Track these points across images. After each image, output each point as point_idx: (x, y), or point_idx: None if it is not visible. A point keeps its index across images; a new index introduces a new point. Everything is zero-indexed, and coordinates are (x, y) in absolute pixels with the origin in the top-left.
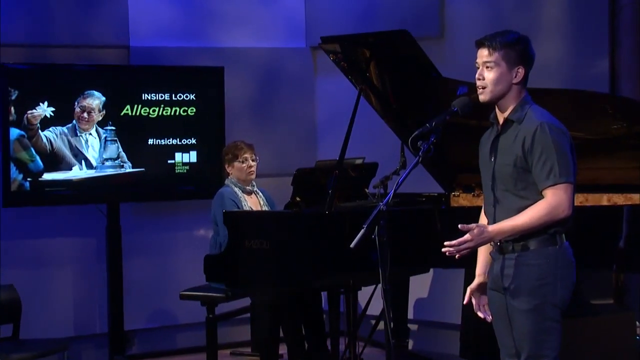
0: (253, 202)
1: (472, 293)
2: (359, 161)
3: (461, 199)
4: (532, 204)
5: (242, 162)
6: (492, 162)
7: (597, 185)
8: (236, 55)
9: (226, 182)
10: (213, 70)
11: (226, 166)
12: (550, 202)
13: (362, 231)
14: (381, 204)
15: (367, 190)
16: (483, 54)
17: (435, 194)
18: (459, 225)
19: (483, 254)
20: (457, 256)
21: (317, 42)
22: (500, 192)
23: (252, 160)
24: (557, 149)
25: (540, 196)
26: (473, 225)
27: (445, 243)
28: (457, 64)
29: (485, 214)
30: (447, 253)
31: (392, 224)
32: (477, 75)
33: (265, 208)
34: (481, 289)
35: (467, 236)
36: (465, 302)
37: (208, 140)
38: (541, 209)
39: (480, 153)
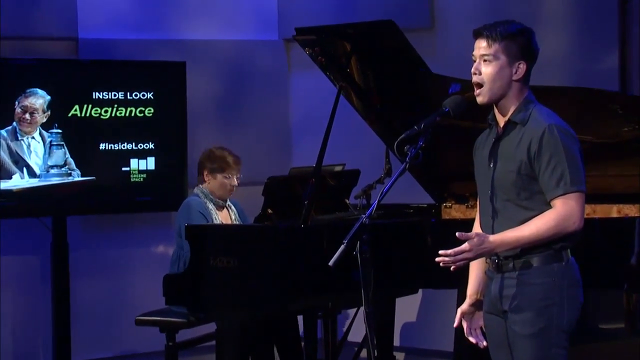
0: (224, 217)
1: (463, 315)
2: (338, 168)
3: (453, 211)
4: (536, 216)
5: (227, 179)
6: (492, 169)
7: (606, 195)
8: (200, 48)
9: (195, 190)
10: (173, 65)
11: (205, 173)
12: (560, 212)
13: (342, 247)
14: (363, 216)
15: (347, 201)
16: (481, 45)
17: (425, 205)
18: (457, 234)
19: (475, 271)
20: (452, 268)
21: (291, 34)
22: (500, 203)
23: (237, 179)
24: (568, 155)
25: (545, 207)
26: (472, 233)
27: (441, 252)
28: (449, 58)
29: (481, 227)
30: (441, 264)
31: (376, 239)
32: (473, 69)
33: (237, 223)
34: (473, 310)
35: (465, 245)
36: (455, 324)
37: (168, 145)
38: (550, 219)
39: (476, 158)
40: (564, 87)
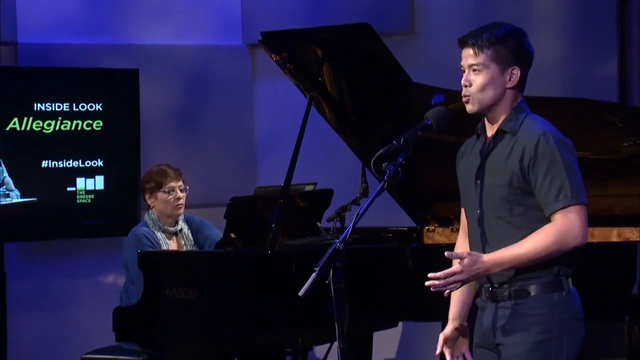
0: (175, 246)
1: (445, 341)
2: (309, 188)
3: (437, 235)
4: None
5: (168, 193)
6: (479, 184)
7: (605, 217)
8: (154, 54)
9: (145, 217)
10: (125, 73)
11: (147, 197)
12: (561, 226)
13: (313, 276)
14: (337, 241)
15: (319, 225)
16: (468, 55)
17: (405, 229)
18: (446, 253)
19: (458, 292)
20: (445, 293)
21: (256, 39)
22: (490, 221)
23: (181, 191)
24: (566, 164)
25: (541, 224)
26: (463, 252)
27: (430, 275)
28: (431, 65)
29: (470, 246)
30: (432, 288)
31: (351, 266)
32: (463, 81)
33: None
34: (457, 335)
35: (456, 267)
36: (437, 352)
37: (119, 162)
38: (549, 234)
39: (460, 170)
40: (557, 97)
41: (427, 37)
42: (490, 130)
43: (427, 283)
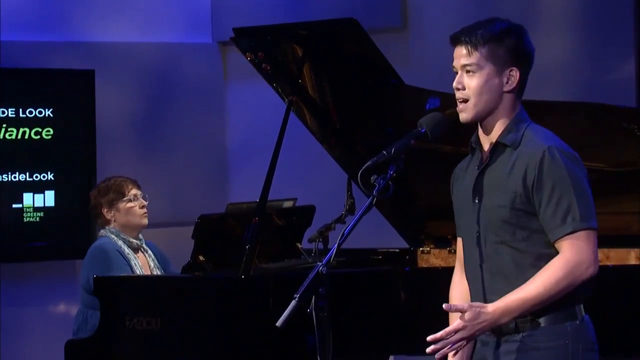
0: (142, 264)
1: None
2: (288, 204)
3: (432, 257)
4: (537, 261)
5: (132, 201)
6: (477, 204)
7: (622, 237)
8: (112, 53)
9: (103, 233)
10: (79, 74)
11: (105, 212)
12: (569, 258)
13: (292, 303)
14: (320, 264)
15: (299, 246)
16: (460, 54)
17: (396, 250)
18: (444, 306)
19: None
20: (450, 357)
21: (227, 36)
22: (491, 246)
23: (144, 199)
24: (575, 183)
25: (547, 249)
26: (465, 305)
27: (429, 339)
28: (425, 65)
29: (467, 279)
30: (436, 356)
31: (336, 292)
32: (454, 84)
33: (156, 271)
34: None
35: (457, 323)
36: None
37: (71, 176)
38: (557, 270)
39: (456, 192)
40: (566, 102)
41: (421, 34)
42: (487, 143)
43: (428, 349)
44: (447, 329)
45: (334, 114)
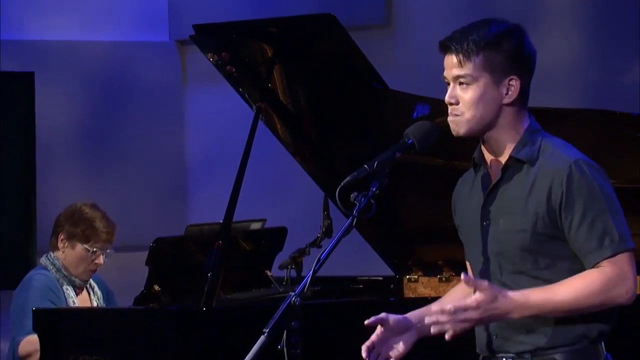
0: (83, 302)
1: (382, 325)
2: (256, 226)
3: (420, 286)
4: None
5: (90, 253)
6: (486, 226)
7: (638, 264)
8: (55, 53)
9: (43, 260)
10: (16, 77)
11: (60, 237)
12: (610, 274)
13: (261, 339)
14: (292, 294)
15: (269, 273)
16: (452, 64)
17: (380, 278)
18: (462, 275)
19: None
20: (447, 336)
21: (187, 34)
22: (508, 277)
23: (105, 256)
24: (608, 200)
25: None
26: (484, 282)
27: (434, 308)
28: (413, 66)
29: None
30: (432, 330)
31: (311, 326)
32: (447, 98)
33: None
34: (402, 328)
35: (471, 300)
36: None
37: (8, 192)
38: (594, 281)
39: (460, 214)
40: (571, 109)
41: (407, 31)
42: (493, 160)
43: (429, 319)
44: (458, 304)
45: (308, 123)
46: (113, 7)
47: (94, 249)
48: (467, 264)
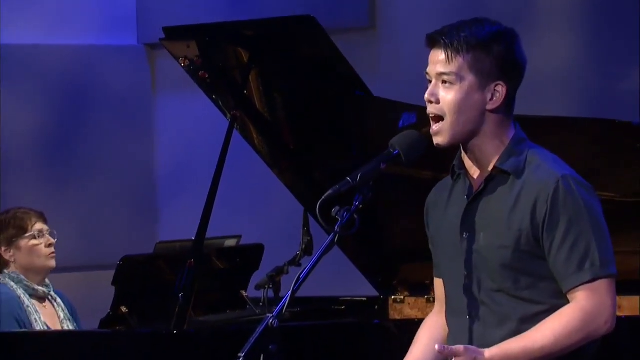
0: (48, 314)
1: None
2: (231, 242)
3: (407, 307)
4: (544, 314)
5: (37, 237)
6: (465, 241)
7: (635, 283)
8: (16, 57)
9: (1, 279)
10: None
11: (3, 251)
12: (587, 308)
13: None
14: (270, 315)
15: (245, 294)
16: (438, 60)
17: (364, 299)
18: (437, 347)
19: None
20: None
21: (156, 37)
22: (486, 294)
23: (52, 236)
24: (593, 221)
25: (557, 299)
26: (460, 347)
27: None
28: (398, 71)
29: (449, 327)
30: None
31: (290, 349)
32: (427, 95)
33: (67, 325)
34: None
35: None
36: None
37: None
38: (572, 320)
39: (433, 223)
40: (568, 118)
41: (392, 34)
42: (475, 169)
43: None
44: None
45: (286, 133)
46: (78, 9)
47: (37, 232)
48: (436, 281)
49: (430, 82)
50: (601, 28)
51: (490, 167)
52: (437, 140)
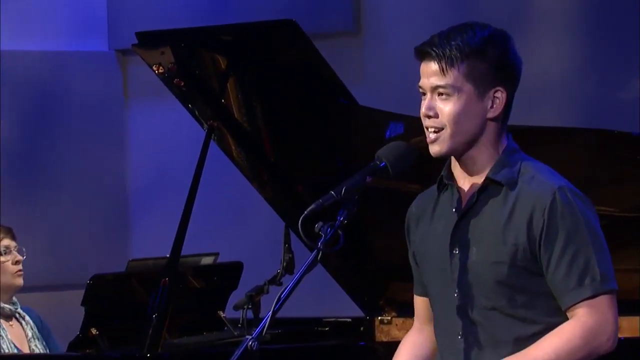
0: (16, 334)
1: None
2: (208, 260)
3: (394, 329)
4: (541, 334)
5: (5, 254)
6: (456, 257)
7: (636, 303)
8: None
9: None
10: None
11: None
12: (589, 324)
13: None
14: (249, 337)
15: (222, 314)
16: (431, 72)
17: (349, 320)
18: None
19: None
20: None
21: (129, 43)
22: (479, 313)
23: (20, 253)
24: (592, 234)
25: (554, 317)
26: None
27: None
28: (385, 78)
29: (439, 348)
30: None
31: None
32: (424, 109)
33: (36, 345)
34: None
35: None
36: None
37: None
38: (574, 337)
39: (416, 237)
40: (564, 128)
41: (379, 38)
42: (466, 179)
43: None
44: None
45: (267, 144)
46: (46, 13)
47: (4, 248)
48: (417, 298)
49: (424, 94)
50: (599, 32)
51: (482, 178)
52: (435, 148)
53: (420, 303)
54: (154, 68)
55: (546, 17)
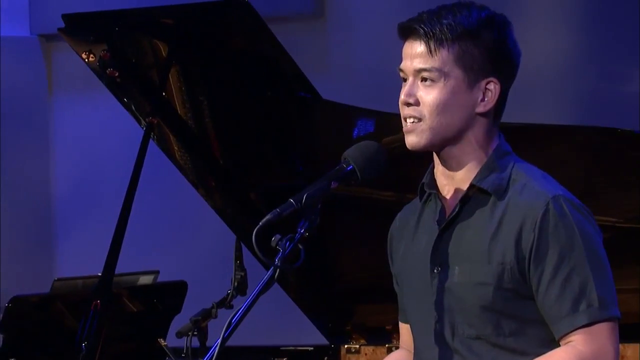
0: None
1: None
2: (146, 279)
3: (362, 358)
4: None
5: None
6: (436, 277)
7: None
8: None
9: None
10: None
11: None
12: (584, 354)
13: None
14: None
15: (164, 342)
16: (416, 53)
17: (310, 349)
18: None
19: None
20: None
21: (54, 27)
22: (461, 342)
23: None
24: (590, 251)
25: (547, 347)
26: None
27: None
28: (352, 69)
29: None
30: None
31: None
32: (403, 95)
33: None
34: None
35: None
36: None
37: None
38: None
39: (397, 257)
40: (561, 125)
41: (344, 23)
42: (450, 186)
43: None
44: None
45: (215, 144)
46: None
47: None
48: (402, 326)
49: (405, 80)
50: (599, 23)
51: (467, 185)
52: (412, 139)
53: (405, 331)
54: (84, 56)
55: (539, 5)
